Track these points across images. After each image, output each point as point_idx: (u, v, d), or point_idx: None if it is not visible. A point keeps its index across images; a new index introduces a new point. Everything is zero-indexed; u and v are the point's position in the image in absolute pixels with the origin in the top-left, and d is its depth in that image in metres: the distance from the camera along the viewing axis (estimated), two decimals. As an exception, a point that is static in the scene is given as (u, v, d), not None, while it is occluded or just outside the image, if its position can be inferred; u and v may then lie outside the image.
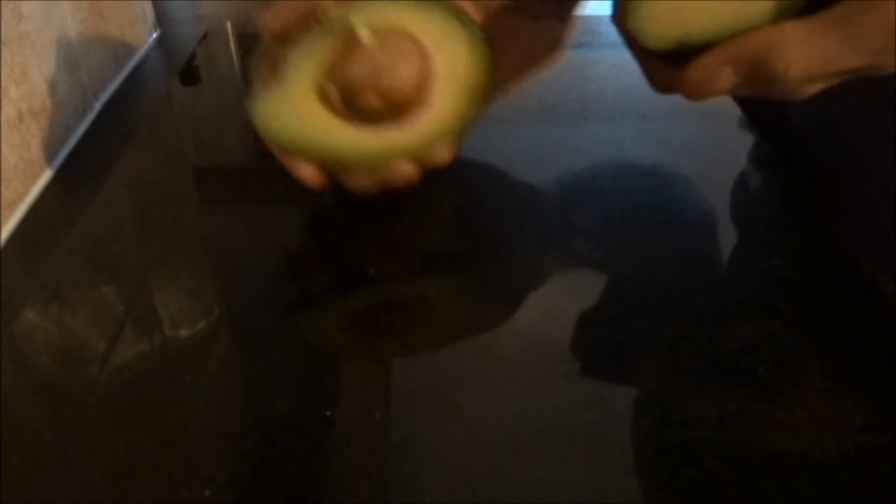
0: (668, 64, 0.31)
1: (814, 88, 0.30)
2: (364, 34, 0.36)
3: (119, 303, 0.36)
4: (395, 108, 0.37)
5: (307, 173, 0.38)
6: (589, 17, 0.69)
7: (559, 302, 0.35)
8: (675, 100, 0.32)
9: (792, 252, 0.38)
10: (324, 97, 0.37)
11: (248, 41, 0.67)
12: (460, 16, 0.37)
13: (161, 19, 0.66)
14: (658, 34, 0.30)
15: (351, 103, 0.36)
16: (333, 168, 0.39)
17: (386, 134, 0.37)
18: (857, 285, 0.36)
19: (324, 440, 0.29)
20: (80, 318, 0.35)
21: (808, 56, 0.28)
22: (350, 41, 0.36)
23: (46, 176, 0.45)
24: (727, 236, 0.40)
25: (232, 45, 0.66)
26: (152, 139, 0.51)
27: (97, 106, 0.53)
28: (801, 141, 0.49)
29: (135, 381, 0.31)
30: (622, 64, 0.58)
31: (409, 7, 0.37)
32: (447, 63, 0.37)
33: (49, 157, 0.46)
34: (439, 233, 0.41)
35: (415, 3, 0.37)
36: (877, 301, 0.35)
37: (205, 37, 0.66)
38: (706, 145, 0.49)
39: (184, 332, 0.34)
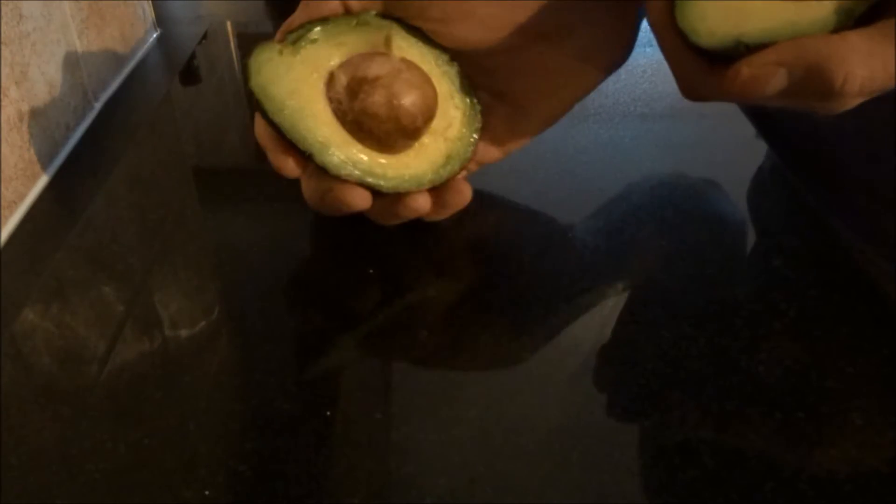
0: (710, 64, 0.30)
1: (853, 103, 0.29)
2: (396, 44, 0.37)
3: (119, 303, 0.36)
4: (391, 132, 0.36)
5: (285, 165, 0.36)
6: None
7: (559, 302, 0.35)
8: (676, 100, 0.32)
9: (792, 252, 0.38)
10: (329, 82, 0.37)
11: (248, 41, 0.67)
12: (467, 84, 0.38)
13: (161, 19, 0.66)
14: (712, 32, 0.29)
15: (354, 102, 0.36)
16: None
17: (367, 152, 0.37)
18: (857, 285, 0.36)
19: (324, 440, 0.29)
20: (80, 318, 0.35)
21: (870, 68, 0.27)
22: (374, 46, 0.37)
23: (46, 176, 0.45)
24: (727, 236, 0.40)
25: (232, 45, 0.66)
26: (152, 139, 0.51)
27: (97, 106, 0.53)
28: (806, 142, 0.49)
29: (135, 381, 0.31)
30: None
31: (432, 56, 0.38)
32: (442, 120, 0.38)
33: (49, 157, 0.46)
34: (439, 233, 0.41)
35: (439, 54, 0.38)
36: (877, 301, 0.35)
37: (205, 37, 0.66)
38: (706, 145, 0.49)
39: (184, 332, 0.34)
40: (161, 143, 0.52)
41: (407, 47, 0.37)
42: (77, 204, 0.43)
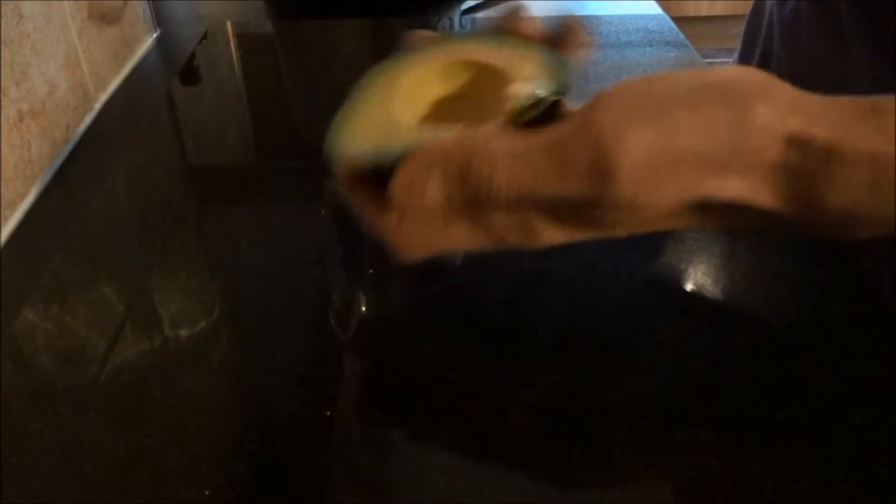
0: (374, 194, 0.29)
1: (552, 235, 0.28)
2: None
3: (119, 303, 0.36)
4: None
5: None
6: (589, 17, 0.69)
7: (559, 302, 0.35)
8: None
9: (792, 252, 0.38)
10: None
11: (248, 41, 0.67)
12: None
13: (161, 19, 0.66)
14: (358, 143, 0.29)
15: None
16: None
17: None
18: (857, 286, 0.36)
19: (324, 440, 0.29)
20: (80, 318, 0.35)
21: (513, 167, 0.26)
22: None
23: (46, 176, 0.45)
24: (727, 237, 0.40)
25: (232, 45, 0.66)
26: (152, 139, 0.51)
27: (97, 106, 0.53)
28: None
29: (135, 381, 0.31)
30: (622, 64, 0.58)
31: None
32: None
33: (49, 157, 0.46)
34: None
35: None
36: (877, 301, 0.35)
37: (205, 37, 0.66)
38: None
39: (184, 332, 0.34)
40: (161, 143, 0.52)
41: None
42: (77, 204, 0.43)
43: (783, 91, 0.26)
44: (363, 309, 0.36)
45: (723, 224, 0.28)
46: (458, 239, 0.29)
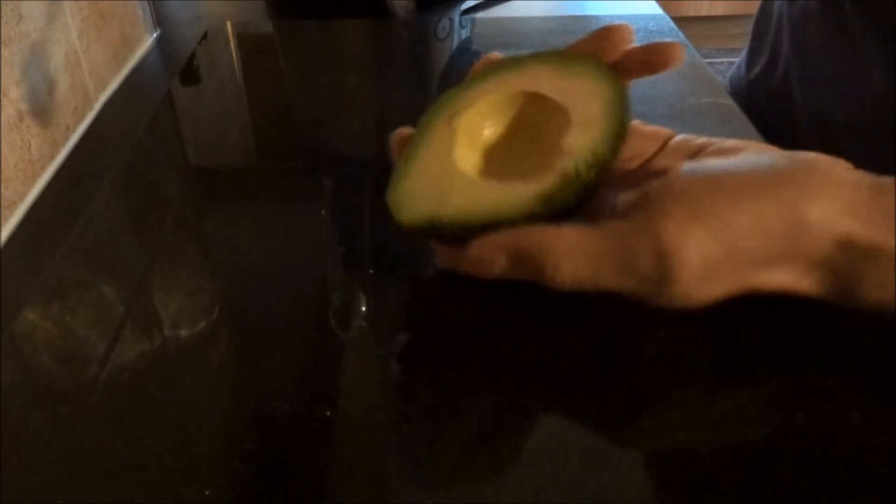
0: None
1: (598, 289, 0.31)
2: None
3: (119, 303, 0.36)
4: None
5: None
6: (589, 18, 0.69)
7: (559, 302, 0.35)
8: (676, 100, 0.32)
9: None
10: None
11: (248, 41, 0.67)
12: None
13: (161, 19, 0.66)
14: (411, 210, 0.32)
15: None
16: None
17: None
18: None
19: (324, 440, 0.29)
20: (80, 318, 0.35)
21: (576, 266, 0.29)
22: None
23: (46, 176, 0.45)
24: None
25: (232, 45, 0.66)
26: (152, 139, 0.51)
27: (97, 106, 0.53)
28: (802, 144, 0.49)
29: (135, 381, 0.31)
30: (622, 64, 0.58)
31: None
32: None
33: (49, 157, 0.46)
34: (439, 233, 0.41)
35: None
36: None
37: (205, 37, 0.66)
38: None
39: (184, 332, 0.34)
40: (161, 143, 0.52)
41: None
42: (77, 204, 0.43)
43: (835, 186, 0.28)
44: (363, 309, 0.36)
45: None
46: (507, 276, 0.32)
